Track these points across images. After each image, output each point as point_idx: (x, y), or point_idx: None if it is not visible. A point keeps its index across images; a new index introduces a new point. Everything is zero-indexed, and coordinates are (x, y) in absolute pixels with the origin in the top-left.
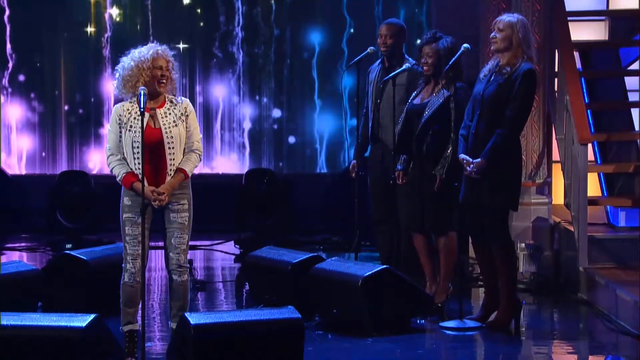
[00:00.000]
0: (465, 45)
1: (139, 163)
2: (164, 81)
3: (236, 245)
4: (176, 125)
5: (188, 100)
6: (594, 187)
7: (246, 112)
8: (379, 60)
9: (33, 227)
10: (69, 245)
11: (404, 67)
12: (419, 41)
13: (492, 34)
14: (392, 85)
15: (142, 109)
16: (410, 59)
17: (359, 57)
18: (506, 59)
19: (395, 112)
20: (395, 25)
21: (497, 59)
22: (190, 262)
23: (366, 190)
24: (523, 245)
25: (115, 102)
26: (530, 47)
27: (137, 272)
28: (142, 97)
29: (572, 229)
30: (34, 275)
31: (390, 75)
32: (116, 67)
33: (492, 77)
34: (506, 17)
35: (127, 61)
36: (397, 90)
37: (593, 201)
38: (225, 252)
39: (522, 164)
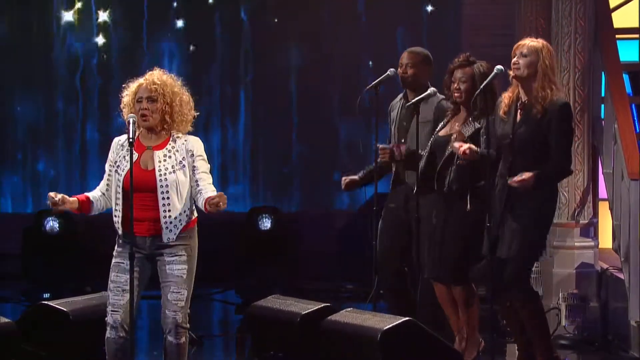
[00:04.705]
0: (498, 67)
1: (119, 211)
2: (145, 114)
3: (237, 294)
4: (174, 172)
5: (196, 138)
6: None
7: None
8: (400, 96)
9: (5, 274)
10: (46, 295)
11: (428, 91)
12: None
13: (514, 59)
14: (416, 113)
15: (131, 139)
16: (434, 89)
17: (378, 79)
18: (533, 91)
19: (420, 149)
20: (419, 54)
21: (516, 90)
22: (189, 317)
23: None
24: (566, 294)
25: None
26: (555, 75)
27: (118, 326)
28: (131, 126)
29: (621, 276)
30: (7, 329)
31: (411, 101)
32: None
33: (519, 117)
34: (530, 42)
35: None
36: (422, 127)
37: None
38: (225, 302)
39: (556, 200)
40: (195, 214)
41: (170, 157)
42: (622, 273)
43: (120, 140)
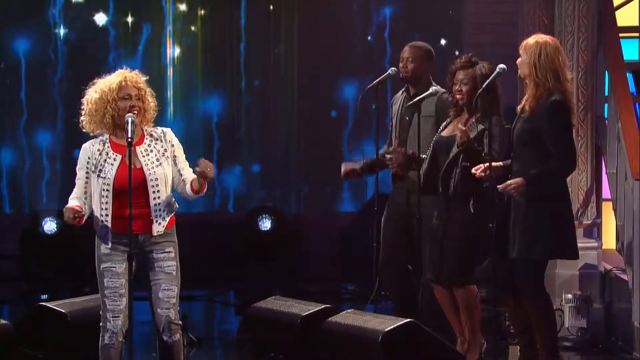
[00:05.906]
0: (500, 66)
1: (106, 214)
2: (135, 112)
3: (237, 295)
4: (160, 164)
5: (169, 129)
6: None
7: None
8: (402, 89)
9: (3, 275)
10: (44, 296)
11: (429, 90)
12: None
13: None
14: (417, 113)
15: (129, 139)
16: (437, 86)
17: (378, 79)
18: (530, 89)
19: (422, 146)
20: (420, 48)
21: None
22: (185, 316)
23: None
24: (569, 296)
25: None
26: (557, 76)
27: (119, 332)
28: (129, 125)
29: (625, 277)
30: (5, 331)
31: (413, 100)
32: (82, 100)
33: (521, 112)
34: (529, 40)
35: (91, 93)
36: (424, 121)
37: None
38: (224, 303)
39: (568, 200)
40: (176, 206)
41: (152, 150)
42: (625, 274)
43: (93, 146)
